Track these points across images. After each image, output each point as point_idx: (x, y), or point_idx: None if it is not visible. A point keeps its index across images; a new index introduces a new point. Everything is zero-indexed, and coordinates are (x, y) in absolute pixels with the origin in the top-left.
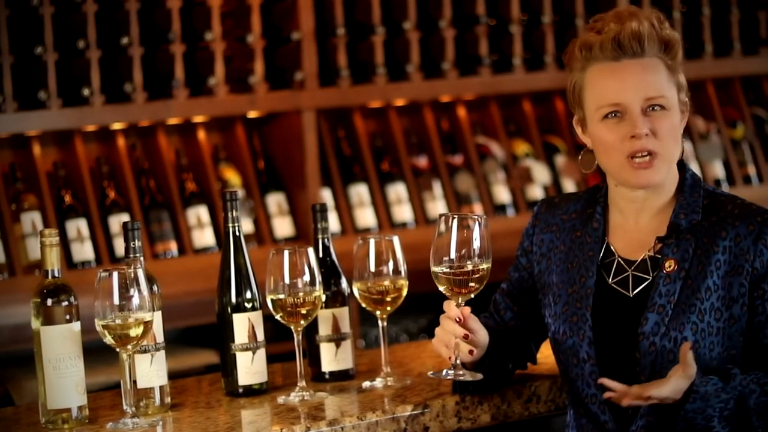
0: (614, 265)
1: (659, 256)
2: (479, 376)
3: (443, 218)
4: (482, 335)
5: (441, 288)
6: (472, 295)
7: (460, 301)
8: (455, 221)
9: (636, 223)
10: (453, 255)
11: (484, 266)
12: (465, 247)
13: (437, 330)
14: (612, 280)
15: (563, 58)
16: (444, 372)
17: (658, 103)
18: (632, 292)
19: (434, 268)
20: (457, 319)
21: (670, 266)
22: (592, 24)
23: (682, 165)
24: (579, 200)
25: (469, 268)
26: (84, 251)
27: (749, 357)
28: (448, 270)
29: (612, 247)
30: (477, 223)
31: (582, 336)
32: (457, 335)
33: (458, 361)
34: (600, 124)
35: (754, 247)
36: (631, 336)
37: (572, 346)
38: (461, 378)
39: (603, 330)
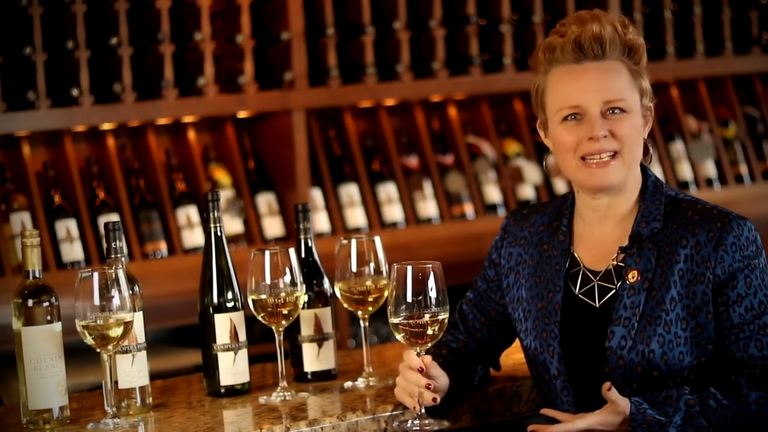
0: (580, 276)
1: (623, 265)
2: (445, 423)
3: (396, 268)
4: (443, 381)
5: (398, 337)
6: (430, 345)
7: (419, 350)
8: (410, 270)
9: (600, 232)
10: (410, 302)
11: (442, 316)
12: (421, 295)
13: (398, 380)
14: (578, 291)
15: (529, 61)
16: (410, 423)
17: (617, 105)
18: (599, 302)
19: (392, 319)
20: (420, 369)
21: (633, 277)
22: (558, 27)
23: (644, 170)
24: (546, 212)
25: (427, 318)
26: (73, 251)
27: (720, 364)
28: (404, 321)
29: (578, 258)
30: (431, 271)
31: (552, 352)
32: (420, 385)
33: (423, 411)
34: (559, 126)
35: (715, 254)
36: (599, 349)
37: (543, 362)
38: (427, 428)
39: (572, 344)
